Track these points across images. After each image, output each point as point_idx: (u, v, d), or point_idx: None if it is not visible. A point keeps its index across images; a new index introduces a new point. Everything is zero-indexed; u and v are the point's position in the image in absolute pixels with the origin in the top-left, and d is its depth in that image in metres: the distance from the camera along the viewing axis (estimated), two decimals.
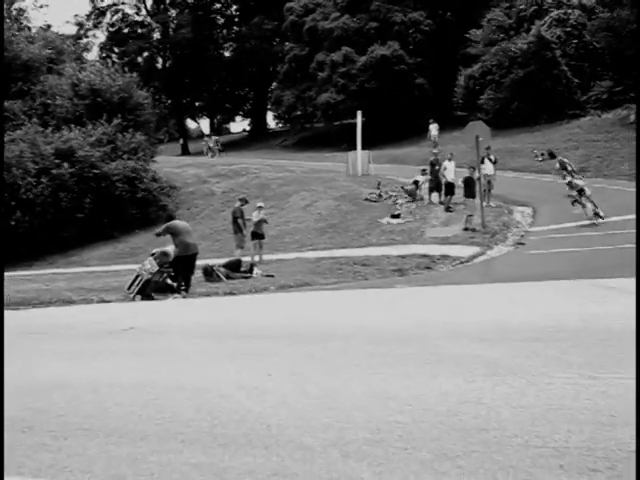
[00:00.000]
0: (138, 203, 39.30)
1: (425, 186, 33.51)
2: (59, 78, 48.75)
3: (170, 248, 19.19)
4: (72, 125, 41.24)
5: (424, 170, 32.23)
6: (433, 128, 52.60)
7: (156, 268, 18.99)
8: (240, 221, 25.04)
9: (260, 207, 25.35)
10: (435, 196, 32.31)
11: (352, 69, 64.87)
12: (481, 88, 57.16)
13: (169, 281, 19.64)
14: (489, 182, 29.82)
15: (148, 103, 48.78)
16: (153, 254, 19.62)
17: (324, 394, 7.70)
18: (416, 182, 32.21)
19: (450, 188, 30.58)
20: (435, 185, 32.34)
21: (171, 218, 20.18)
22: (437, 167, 32.08)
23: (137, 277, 18.92)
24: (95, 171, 38.18)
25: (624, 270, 15.32)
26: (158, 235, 19.63)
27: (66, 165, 37.58)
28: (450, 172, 30.50)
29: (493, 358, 8.68)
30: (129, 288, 18.91)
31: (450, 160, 31.19)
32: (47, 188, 36.68)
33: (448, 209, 29.99)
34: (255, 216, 24.92)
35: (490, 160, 30.39)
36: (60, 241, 36.37)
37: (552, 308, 12.15)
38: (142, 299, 18.52)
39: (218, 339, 11.59)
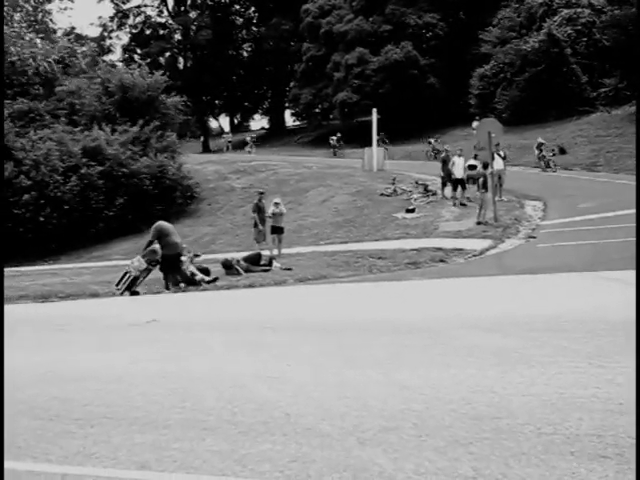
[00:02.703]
0: (163, 198, 39.35)
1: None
2: (87, 78, 48.90)
3: (158, 247, 19.30)
4: (103, 123, 41.33)
5: (476, 156, 31.22)
6: (475, 125, 51.24)
7: (144, 266, 19.12)
8: (259, 216, 25.06)
9: (277, 203, 25.33)
10: (448, 190, 32.07)
11: (366, 69, 64.80)
12: (494, 86, 57.07)
13: (189, 272, 19.74)
14: (500, 177, 29.67)
15: (177, 105, 48.76)
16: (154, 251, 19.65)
17: (341, 383, 7.73)
18: (472, 166, 30.90)
19: (459, 183, 30.41)
20: (447, 180, 32.11)
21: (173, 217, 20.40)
22: (448, 163, 31.79)
23: (126, 274, 19.02)
24: (124, 170, 38.25)
25: (632, 263, 15.28)
26: (151, 242, 19.64)
27: (94, 164, 37.71)
28: (459, 168, 30.28)
29: (504, 348, 8.69)
30: (117, 284, 18.98)
31: (460, 156, 30.98)
32: (76, 187, 36.75)
33: (461, 204, 29.85)
34: (271, 212, 24.88)
35: (500, 156, 30.23)
36: (87, 237, 36.50)
37: (562, 299, 12.15)
38: (130, 295, 18.63)
39: (238, 331, 11.62)
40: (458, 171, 30.31)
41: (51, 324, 14.30)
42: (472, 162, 29.14)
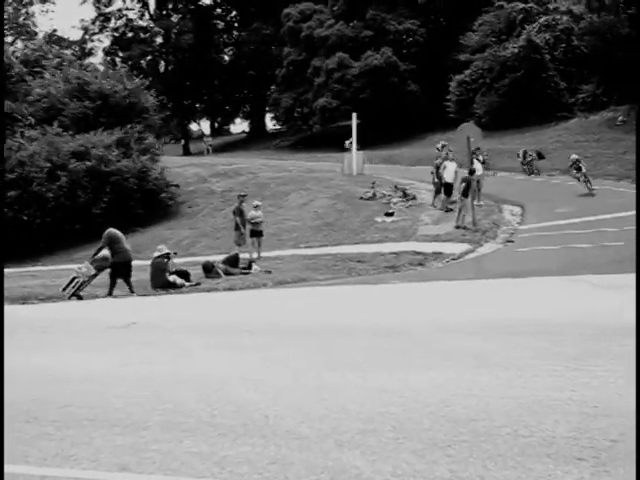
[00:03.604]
0: (144, 199, 39.22)
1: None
2: (62, 82, 48.62)
3: (109, 253, 19.32)
4: (84, 126, 41.20)
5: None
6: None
7: (93, 272, 19.16)
8: (239, 219, 25.06)
9: (257, 206, 25.33)
10: (439, 200, 30.91)
11: (347, 75, 64.87)
12: (473, 92, 57.27)
13: (171, 278, 19.73)
14: (478, 182, 29.59)
15: (155, 108, 48.79)
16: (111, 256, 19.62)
17: (320, 386, 7.74)
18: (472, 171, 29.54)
19: (448, 189, 29.87)
20: (439, 187, 31.12)
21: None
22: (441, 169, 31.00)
23: (73, 279, 18.99)
24: (110, 168, 38.09)
25: (609, 267, 15.39)
26: (101, 248, 19.66)
27: (81, 162, 37.61)
28: (450, 172, 29.82)
29: (482, 351, 8.72)
30: (64, 289, 18.94)
31: (452, 160, 30.45)
32: (64, 186, 36.56)
33: (447, 209, 29.63)
34: (253, 215, 24.89)
35: (478, 160, 30.17)
36: (70, 238, 36.27)
37: (539, 303, 12.21)
38: (77, 300, 18.63)
39: (218, 333, 11.62)
40: (449, 175, 29.81)
41: (30, 326, 14.24)
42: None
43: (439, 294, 14.95)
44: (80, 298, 18.72)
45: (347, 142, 58.19)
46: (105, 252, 19.38)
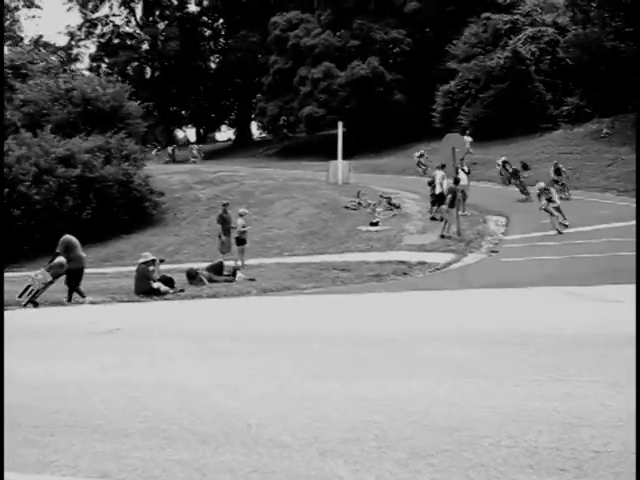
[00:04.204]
0: (129, 206, 39.12)
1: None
2: (47, 89, 48.51)
3: (64, 260, 19.30)
4: (68, 131, 41.14)
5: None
6: (467, 140, 49.43)
7: (49, 279, 19.12)
8: (223, 227, 25.08)
9: (242, 214, 25.33)
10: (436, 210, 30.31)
11: (333, 84, 64.95)
12: (458, 102, 57.41)
13: (156, 285, 19.68)
14: (463, 192, 29.69)
15: (139, 114, 48.81)
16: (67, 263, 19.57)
17: (303, 394, 7.71)
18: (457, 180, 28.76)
19: (441, 198, 29.39)
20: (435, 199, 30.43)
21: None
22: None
23: (28, 287, 18.94)
24: (94, 174, 37.96)
25: (593, 279, 15.43)
26: (57, 254, 19.63)
27: (69, 168, 37.49)
28: (444, 182, 29.33)
29: (464, 361, 8.72)
30: (20, 296, 18.87)
31: (440, 169, 29.90)
32: (51, 191, 36.42)
33: (433, 218, 29.61)
34: (239, 223, 24.88)
35: (463, 171, 30.29)
36: (54, 242, 36.05)
37: (522, 314, 12.23)
38: (33, 307, 18.59)
39: (201, 340, 11.58)
40: (438, 185, 29.43)
41: (12, 332, 14.15)
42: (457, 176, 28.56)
43: (422, 303, 14.96)
44: (36, 305, 18.66)
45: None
46: (61, 259, 19.35)
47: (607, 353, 8.55)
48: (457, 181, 26.89)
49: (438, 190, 29.59)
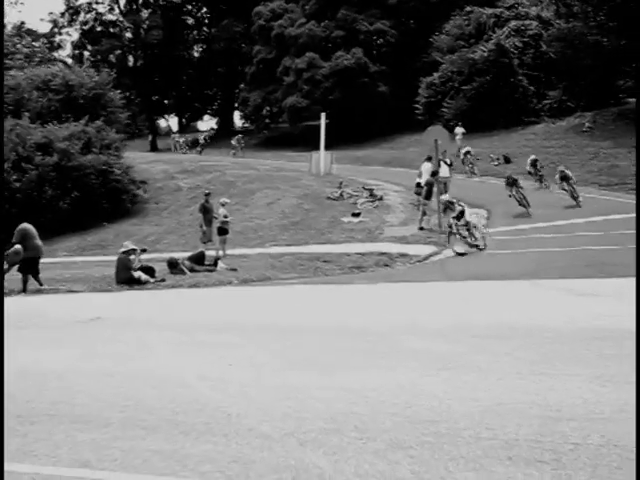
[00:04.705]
0: (109, 195, 38.97)
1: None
2: (27, 75, 48.23)
3: (21, 248, 19.28)
4: (48, 119, 40.87)
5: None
6: (459, 132, 49.83)
7: (5, 267, 19.11)
8: (205, 216, 25.05)
9: (223, 204, 25.27)
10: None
11: (316, 75, 64.71)
12: (442, 95, 57.37)
13: (136, 275, 19.63)
14: (445, 184, 29.64)
15: (121, 101, 48.61)
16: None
17: (283, 385, 7.72)
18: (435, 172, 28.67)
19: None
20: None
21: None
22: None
23: None
24: (73, 163, 37.74)
25: (575, 272, 15.48)
26: (14, 243, 19.61)
27: (47, 156, 37.26)
28: (425, 174, 29.21)
29: (446, 353, 8.74)
30: None
31: (428, 160, 29.67)
32: (32, 181, 36.26)
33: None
34: (221, 213, 24.83)
35: (445, 163, 30.21)
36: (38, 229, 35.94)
37: (504, 307, 12.25)
38: None
39: (182, 330, 11.56)
40: (424, 177, 29.07)
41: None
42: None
43: (404, 296, 14.96)
44: None
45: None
46: (17, 247, 19.29)
47: (590, 347, 8.60)
48: (435, 173, 26.90)
49: (421, 181, 29.43)
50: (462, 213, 22.62)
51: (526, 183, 30.27)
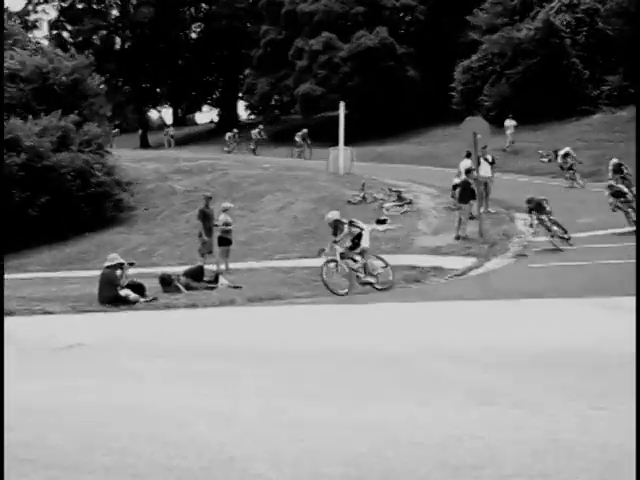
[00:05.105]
0: (91, 200, 38.96)
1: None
2: None
3: None
4: (18, 110, 40.88)
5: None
6: (510, 125, 50.03)
7: None
8: (204, 224, 25.02)
9: (226, 209, 25.27)
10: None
11: (334, 58, 64.76)
12: (480, 81, 57.25)
13: (124, 293, 19.61)
14: (486, 185, 29.62)
15: (102, 88, 48.66)
16: None
17: (295, 423, 7.65)
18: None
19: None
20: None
21: None
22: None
23: None
24: (45, 162, 37.75)
25: (632, 288, 15.35)
26: None
27: (13, 154, 37.23)
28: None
29: (489, 385, 8.65)
30: None
31: (468, 157, 29.48)
32: None
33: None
34: (222, 220, 24.82)
35: (487, 160, 30.15)
36: (6, 242, 36.03)
37: (555, 329, 12.15)
38: None
39: (176, 358, 11.52)
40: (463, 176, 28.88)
41: None
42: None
43: (437, 316, 14.89)
44: None
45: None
46: None
47: None
48: (468, 171, 26.83)
49: (455, 181, 29.35)
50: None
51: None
